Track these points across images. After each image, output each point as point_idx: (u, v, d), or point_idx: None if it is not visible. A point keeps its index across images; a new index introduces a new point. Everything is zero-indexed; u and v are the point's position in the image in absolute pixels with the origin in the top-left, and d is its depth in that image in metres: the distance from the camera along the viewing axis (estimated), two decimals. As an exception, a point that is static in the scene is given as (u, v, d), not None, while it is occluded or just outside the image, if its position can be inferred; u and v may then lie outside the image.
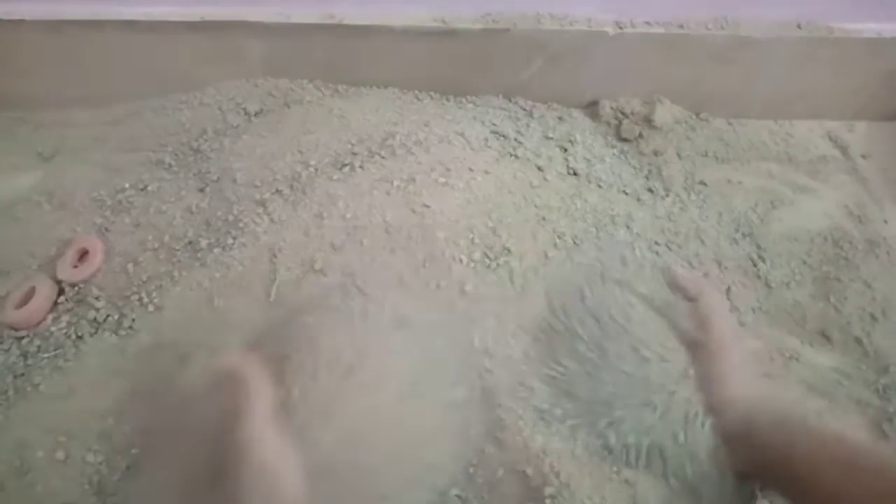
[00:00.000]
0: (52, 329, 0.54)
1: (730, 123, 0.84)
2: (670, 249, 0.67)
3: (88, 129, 0.75)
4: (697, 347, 0.50)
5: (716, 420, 0.47)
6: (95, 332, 0.55)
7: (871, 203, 0.77)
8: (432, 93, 0.80)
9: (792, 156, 0.81)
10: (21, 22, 0.67)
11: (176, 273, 0.59)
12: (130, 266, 0.58)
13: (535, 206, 0.66)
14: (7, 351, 0.53)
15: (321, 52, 0.74)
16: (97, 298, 0.56)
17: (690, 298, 0.52)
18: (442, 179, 0.66)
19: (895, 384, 0.61)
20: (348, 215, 0.62)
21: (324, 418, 0.44)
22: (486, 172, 0.68)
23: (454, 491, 0.49)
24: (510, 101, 0.80)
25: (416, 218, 0.62)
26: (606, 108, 0.80)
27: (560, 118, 0.79)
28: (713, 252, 0.69)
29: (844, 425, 0.56)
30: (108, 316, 0.56)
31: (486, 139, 0.73)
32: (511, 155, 0.72)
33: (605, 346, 0.52)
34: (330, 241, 0.60)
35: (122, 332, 0.55)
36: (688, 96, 0.81)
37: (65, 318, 0.55)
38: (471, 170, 0.68)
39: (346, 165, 0.67)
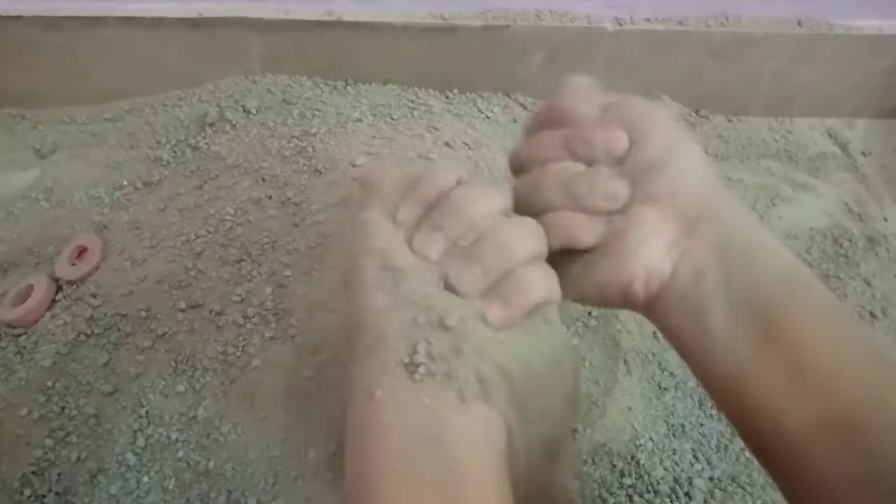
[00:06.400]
0: (50, 327, 0.54)
1: (729, 120, 0.84)
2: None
3: (87, 126, 0.74)
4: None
5: None
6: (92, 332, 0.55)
7: (871, 200, 0.77)
8: (432, 90, 0.79)
9: (792, 153, 0.81)
10: (19, 18, 0.67)
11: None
12: (128, 264, 0.58)
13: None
14: (4, 349, 0.53)
15: (320, 49, 0.74)
16: (94, 297, 0.56)
17: None
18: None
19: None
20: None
21: None
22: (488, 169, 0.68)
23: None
24: (510, 97, 0.80)
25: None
26: (606, 105, 0.80)
27: (560, 115, 0.79)
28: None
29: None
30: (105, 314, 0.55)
31: (486, 135, 0.73)
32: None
33: None
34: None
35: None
36: (687, 93, 0.81)
37: (62, 316, 0.55)
38: (475, 166, 0.67)
39: (347, 163, 0.66)
